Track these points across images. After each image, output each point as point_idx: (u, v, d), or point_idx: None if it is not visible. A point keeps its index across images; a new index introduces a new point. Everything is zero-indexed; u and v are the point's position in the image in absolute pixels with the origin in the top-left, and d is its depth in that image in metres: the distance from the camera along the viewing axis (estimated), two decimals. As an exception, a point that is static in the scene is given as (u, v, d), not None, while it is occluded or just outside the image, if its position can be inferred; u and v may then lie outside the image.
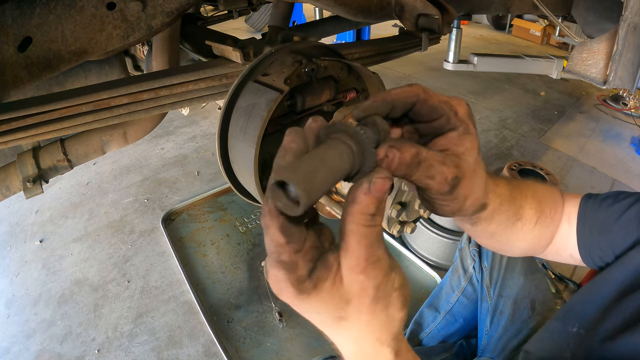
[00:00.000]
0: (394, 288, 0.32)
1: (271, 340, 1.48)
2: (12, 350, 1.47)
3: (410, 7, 1.15)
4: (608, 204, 0.59)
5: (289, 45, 0.83)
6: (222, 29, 1.36)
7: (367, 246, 0.30)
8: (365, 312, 0.32)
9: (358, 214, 0.30)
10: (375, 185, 0.30)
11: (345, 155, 0.31)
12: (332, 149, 0.30)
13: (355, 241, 0.30)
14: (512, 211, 0.52)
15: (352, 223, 0.30)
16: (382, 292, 0.31)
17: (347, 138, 0.32)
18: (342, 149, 0.31)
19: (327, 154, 0.30)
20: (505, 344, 1.02)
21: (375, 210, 0.30)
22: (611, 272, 0.57)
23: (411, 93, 0.38)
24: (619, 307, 0.53)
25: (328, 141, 0.32)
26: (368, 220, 0.30)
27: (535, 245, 0.61)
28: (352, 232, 0.30)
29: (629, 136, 2.96)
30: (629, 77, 1.22)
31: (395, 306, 0.33)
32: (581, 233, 0.60)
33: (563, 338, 0.60)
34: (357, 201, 0.30)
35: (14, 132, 0.74)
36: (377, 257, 0.31)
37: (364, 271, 0.30)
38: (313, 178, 0.27)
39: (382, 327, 0.33)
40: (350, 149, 0.31)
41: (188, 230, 1.99)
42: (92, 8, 0.76)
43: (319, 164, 0.29)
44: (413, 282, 1.73)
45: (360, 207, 0.30)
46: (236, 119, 0.76)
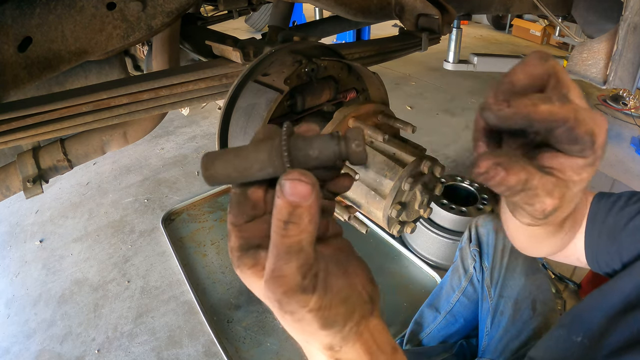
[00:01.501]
0: (305, 309, 0.28)
1: (271, 340, 1.48)
2: (12, 350, 1.47)
3: (410, 7, 1.15)
4: (619, 208, 0.57)
5: (289, 45, 0.83)
6: (222, 29, 1.36)
7: (275, 258, 0.28)
8: (279, 315, 0.30)
9: (274, 219, 0.28)
10: (284, 188, 0.27)
11: (261, 158, 0.30)
12: (254, 149, 0.31)
13: (270, 248, 0.29)
14: (560, 223, 0.50)
15: (272, 226, 0.29)
16: (286, 307, 0.28)
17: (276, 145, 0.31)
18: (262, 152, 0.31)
19: (246, 152, 0.31)
20: (506, 345, 1.02)
21: (288, 217, 0.27)
22: (618, 281, 0.55)
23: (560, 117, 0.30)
24: (625, 321, 0.52)
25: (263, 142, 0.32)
26: (280, 228, 0.28)
27: (557, 249, 0.60)
28: (271, 237, 0.29)
29: (629, 136, 2.96)
30: (629, 77, 1.22)
31: (311, 325, 0.29)
32: (589, 237, 0.58)
33: (567, 347, 0.59)
34: (274, 204, 0.28)
35: (14, 132, 0.74)
36: (281, 272, 0.28)
37: (267, 282, 0.28)
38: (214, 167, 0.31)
39: (303, 334, 0.31)
40: (269, 155, 0.30)
41: (188, 230, 1.99)
42: (92, 8, 0.76)
43: (232, 157, 0.31)
44: (413, 282, 1.73)
45: (275, 211, 0.28)
46: (236, 119, 0.76)
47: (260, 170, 0.31)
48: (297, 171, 0.28)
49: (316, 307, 0.29)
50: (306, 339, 0.33)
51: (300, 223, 0.28)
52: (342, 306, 0.31)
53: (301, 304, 0.28)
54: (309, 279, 0.29)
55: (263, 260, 0.31)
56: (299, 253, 0.28)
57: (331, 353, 0.33)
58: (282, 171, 0.30)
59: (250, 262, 0.31)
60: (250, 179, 0.32)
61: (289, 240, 0.28)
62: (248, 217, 0.33)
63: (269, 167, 0.30)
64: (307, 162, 0.30)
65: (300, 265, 0.28)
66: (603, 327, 0.54)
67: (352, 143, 0.30)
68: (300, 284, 0.28)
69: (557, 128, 0.31)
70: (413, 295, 1.65)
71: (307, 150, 0.30)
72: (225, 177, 0.31)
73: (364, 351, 0.33)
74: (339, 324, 0.31)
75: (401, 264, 1.82)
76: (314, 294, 0.29)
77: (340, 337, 0.31)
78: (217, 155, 0.31)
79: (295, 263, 0.28)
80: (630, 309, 0.52)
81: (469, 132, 3.16)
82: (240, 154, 0.31)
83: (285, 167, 0.30)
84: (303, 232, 0.28)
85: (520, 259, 1.11)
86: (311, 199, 0.27)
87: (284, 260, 0.28)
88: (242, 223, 0.32)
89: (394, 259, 1.84)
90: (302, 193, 0.27)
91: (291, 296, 0.28)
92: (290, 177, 0.27)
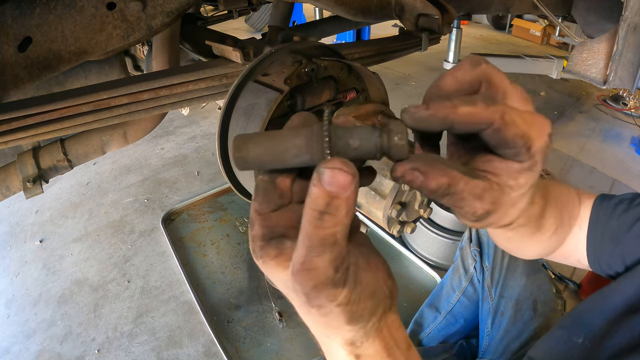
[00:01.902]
0: (334, 304, 0.28)
1: (271, 340, 1.48)
2: (12, 350, 1.47)
3: (410, 7, 1.15)
4: (622, 210, 0.56)
5: (289, 45, 0.83)
6: (222, 29, 1.36)
7: (307, 249, 0.27)
8: (302, 309, 0.30)
9: (307, 208, 0.26)
10: (323, 176, 0.25)
11: (299, 143, 0.29)
12: (292, 134, 0.30)
13: (300, 239, 0.27)
14: (535, 224, 0.49)
15: (303, 217, 0.27)
16: (315, 301, 0.28)
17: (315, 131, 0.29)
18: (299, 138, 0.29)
19: (283, 136, 0.30)
20: (507, 346, 1.02)
21: (325, 207, 0.26)
22: (620, 284, 0.55)
23: (483, 119, 0.30)
24: (626, 323, 0.52)
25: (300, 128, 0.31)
26: (314, 218, 0.26)
27: (547, 250, 0.59)
28: (302, 227, 0.27)
29: (629, 136, 2.96)
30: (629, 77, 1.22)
31: (338, 319, 0.29)
32: (591, 240, 0.58)
33: (568, 348, 0.59)
34: (308, 192, 0.26)
35: (14, 132, 0.74)
36: (312, 264, 0.27)
37: (294, 274, 0.27)
38: (247, 150, 0.29)
39: (324, 327, 0.31)
40: (307, 141, 0.29)
41: (188, 230, 1.99)
42: (92, 8, 0.76)
43: (267, 141, 0.29)
44: (413, 282, 1.73)
45: (309, 200, 0.26)
46: (236, 119, 0.76)
47: (295, 157, 0.29)
48: (338, 159, 0.26)
49: (345, 302, 0.28)
50: (328, 334, 0.32)
51: (337, 215, 0.26)
52: (370, 300, 0.30)
53: (330, 298, 0.28)
54: (341, 273, 0.28)
55: (288, 251, 0.30)
56: (333, 246, 0.27)
57: (352, 349, 0.32)
58: (320, 159, 0.28)
59: (274, 252, 0.30)
60: (283, 166, 0.30)
61: (324, 232, 0.26)
62: (275, 206, 0.32)
63: (306, 154, 0.29)
64: (346, 152, 0.29)
65: (333, 258, 0.27)
66: (604, 329, 0.54)
67: (395, 136, 0.29)
68: (332, 278, 0.27)
69: (482, 130, 0.30)
70: (413, 295, 1.65)
71: (348, 140, 0.29)
72: (258, 161, 0.29)
73: (382, 347, 0.33)
74: (364, 319, 0.30)
75: (401, 264, 1.82)
76: (344, 288, 0.28)
77: (363, 333, 0.31)
78: (250, 138, 0.30)
79: (329, 256, 0.27)
80: (632, 312, 0.52)
81: (469, 132, 3.20)
82: (275, 138, 0.29)
83: (325, 155, 0.28)
84: (338, 225, 0.26)
85: (521, 259, 1.11)
86: (350, 190, 0.26)
87: (316, 253, 0.27)
88: (267, 211, 0.31)
89: (394, 259, 1.84)
90: (342, 183, 0.26)
91: (321, 290, 0.27)
92: (330, 165, 0.26)
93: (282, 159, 0.29)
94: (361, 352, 0.32)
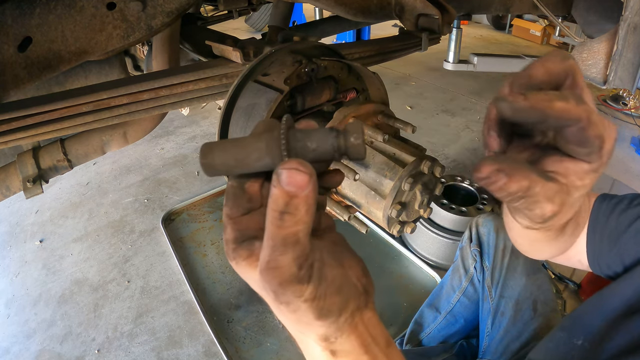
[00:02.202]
0: (300, 299, 0.29)
1: (271, 340, 1.48)
2: (12, 350, 1.47)
3: (410, 7, 1.15)
4: (621, 210, 0.56)
5: (289, 45, 0.83)
6: (222, 29, 1.36)
7: (271, 249, 0.28)
8: (273, 306, 0.31)
9: (269, 209, 0.28)
10: (281, 177, 0.27)
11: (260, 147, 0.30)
12: (254, 139, 0.31)
13: (265, 239, 0.28)
14: (560, 228, 0.49)
15: (267, 216, 0.28)
16: (282, 298, 0.28)
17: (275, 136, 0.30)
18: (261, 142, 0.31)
19: (245, 142, 0.31)
20: (507, 346, 1.02)
21: (284, 206, 0.27)
22: (619, 285, 0.55)
23: (574, 116, 0.30)
24: (626, 325, 0.52)
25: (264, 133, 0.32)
26: (276, 219, 0.27)
27: (559, 252, 0.59)
28: (266, 227, 0.28)
29: (629, 136, 2.96)
30: (629, 77, 1.22)
31: (307, 315, 0.29)
32: (591, 240, 0.58)
33: (568, 350, 0.59)
34: (270, 194, 0.28)
35: (14, 132, 0.74)
36: (277, 263, 0.27)
37: (262, 273, 0.28)
38: (213, 156, 0.31)
39: (298, 324, 0.31)
40: (267, 145, 0.30)
41: (188, 230, 1.99)
42: (92, 8, 0.76)
43: (231, 147, 0.31)
44: (413, 282, 1.73)
45: (270, 201, 0.27)
46: (236, 119, 0.76)
47: (258, 160, 0.30)
48: (295, 160, 0.27)
49: (311, 297, 0.29)
50: (301, 330, 0.33)
51: (297, 214, 0.27)
52: (337, 296, 0.31)
53: (297, 294, 0.28)
54: (304, 270, 0.29)
55: (258, 251, 0.31)
56: (295, 245, 0.28)
57: (326, 344, 0.33)
58: (280, 161, 0.29)
59: (245, 253, 0.31)
60: (247, 170, 0.31)
61: (285, 232, 0.27)
62: (244, 210, 0.33)
63: (267, 157, 0.30)
64: (305, 154, 0.30)
65: (296, 256, 0.28)
66: (604, 331, 0.54)
67: (351, 137, 0.30)
68: (296, 275, 0.28)
69: (569, 127, 0.31)
70: (413, 295, 1.65)
71: (306, 142, 0.30)
72: (223, 166, 0.31)
73: (358, 343, 0.33)
74: (334, 314, 0.31)
75: (401, 264, 1.82)
76: (309, 284, 0.29)
77: (335, 328, 0.32)
78: (216, 145, 0.31)
79: (291, 254, 0.28)
80: (631, 313, 0.52)
81: (469, 132, 3.15)
82: (239, 144, 0.31)
83: (283, 157, 0.29)
84: (299, 223, 0.27)
85: (521, 259, 1.11)
86: (308, 189, 0.27)
87: (280, 252, 0.27)
88: (237, 215, 0.33)
89: (394, 259, 1.84)
90: (299, 183, 0.27)
91: (286, 287, 0.28)
92: (287, 167, 0.27)
93: (246, 163, 0.31)
94: (336, 348, 0.33)
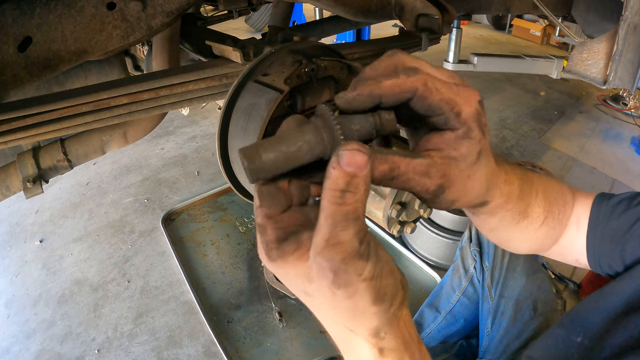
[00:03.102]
0: (360, 278, 0.29)
1: (271, 340, 1.48)
2: (12, 350, 1.47)
3: (410, 7, 1.15)
4: (621, 210, 0.56)
5: (289, 45, 0.83)
6: (222, 29, 1.36)
7: (330, 226, 0.28)
8: (326, 294, 0.30)
9: (327, 190, 0.28)
10: (342, 158, 0.28)
11: (309, 139, 0.31)
12: (297, 132, 0.31)
13: (322, 219, 0.29)
14: (518, 210, 0.48)
15: (323, 199, 0.29)
16: (342, 279, 0.28)
17: (321, 124, 0.31)
18: (307, 134, 0.31)
19: (290, 136, 0.31)
20: (507, 346, 1.02)
21: (345, 186, 0.28)
22: (620, 283, 0.55)
23: (407, 87, 0.32)
24: (626, 323, 0.52)
25: (302, 126, 0.32)
26: (336, 198, 0.28)
27: (539, 245, 0.58)
28: (322, 209, 0.29)
29: (629, 136, 2.96)
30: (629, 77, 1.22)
31: (364, 298, 0.30)
32: (591, 241, 0.57)
33: (567, 347, 0.59)
34: (327, 175, 0.29)
35: (14, 132, 0.74)
36: (338, 239, 0.28)
37: (321, 252, 0.28)
38: (260, 157, 0.30)
39: (350, 316, 0.31)
40: (316, 135, 0.31)
41: (188, 230, 1.99)
42: (92, 8, 0.75)
43: (277, 144, 0.30)
44: (413, 282, 1.73)
45: (329, 182, 0.28)
46: (236, 119, 0.76)
47: (308, 152, 0.31)
48: (354, 142, 0.29)
49: (370, 276, 0.29)
50: (353, 326, 0.32)
51: (357, 192, 0.28)
52: (391, 277, 0.32)
53: (358, 271, 0.29)
54: (364, 246, 0.29)
55: (307, 242, 0.31)
56: (356, 220, 0.28)
57: (376, 341, 0.32)
58: (333, 147, 0.31)
59: (292, 247, 0.31)
60: (298, 164, 0.31)
61: (347, 208, 0.28)
62: (283, 207, 0.33)
63: (319, 146, 0.31)
64: (352, 136, 0.32)
65: (357, 231, 0.29)
66: (604, 329, 0.54)
67: (385, 114, 0.33)
68: (358, 250, 0.29)
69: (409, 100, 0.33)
70: (413, 295, 1.65)
71: (350, 125, 0.32)
72: (273, 165, 0.30)
73: (401, 341, 0.33)
74: (388, 300, 0.31)
75: (401, 264, 1.82)
76: (368, 261, 0.29)
77: (386, 319, 0.32)
78: (260, 146, 0.30)
79: (353, 229, 0.28)
80: (631, 312, 0.52)
81: (469, 132, 3.19)
82: (284, 140, 0.31)
83: (339, 140, 0.31)
84: (359, 201, 0.28)
85: (521, 258, 1.11)
86: (367, 169, 0.28)
87: (341, 227, 0.28)
88: (277, 214, 0.32)
89: (394, 259, 1.84)
90: (360, 163, 0.28)
91: (349, 262, 0.28)
92: (348, 148, 0.28)
93: (297, 157, 0.31)
94: (384, 345, 0.33)
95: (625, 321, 0.52)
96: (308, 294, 0.32)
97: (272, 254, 0.31)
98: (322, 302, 0.31)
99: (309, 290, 0.32)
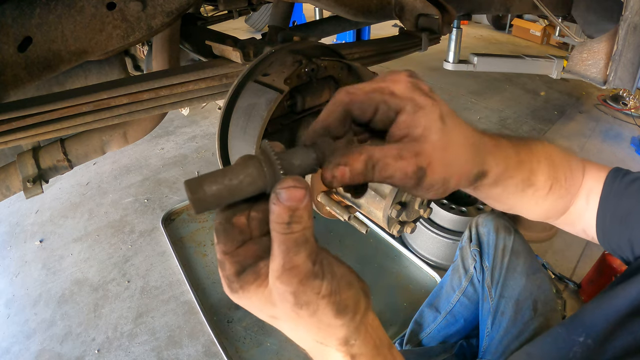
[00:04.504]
0: (319, 296, 0.31)
1: (271, 340, 1.48)
2: (12, 350, 1.47)
3: (410, 7, 1.15)
4: (635, 189, 0.54)
5: (289, 45, 0.83)
6: (222, 29, 1.36)
7: (284, 253, 0.30)
8: (291, 315, 0.32)
9: (274, 223, 0.30)
10: (280, 195, 0.30)
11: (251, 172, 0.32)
12: (242, 167, 0.32)
13: (275, 248, 0.30)
14: (521, 177, 0.47)
15: (272, 231, 0.31)
16: (302, 299, 0.30)
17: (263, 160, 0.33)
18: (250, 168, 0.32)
19: (233, 170, 0.32)
20: (507, 346, 1.02)
21: (289, 218, 0.30)
22: (624, 286, 0.55)
23: (336, 106, 0.36)
24: (630, 325, 0.51)
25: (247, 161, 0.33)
26: (284, 228, 0.30)
27: (548, 213, 0.57)
28: (273, 239, 0.31)
29: (629, 136, 2.96)
30: (629, 77, 1.22)
31: (326, 314, 0.31)
32: (601, 217, 0.56)
33: (568, 346, 0.58)
34: (271, 210, 0.31)
35: (14, 132, 0.74)
36: (293, 264, 0.30)
37: (279, 277, 0.30)
38: (204, 190, 0.31)
39: (317, 331, 0.33)
40: (259, 170, 0.32)
41: (188, 230, 1.99)
42: (92, 8, 0.76)
43: (220, 177, 0.31)
44: (413, 282, 1.73)
45: (274, 217, 0.30)
46: (236, 119, 0.76)
47: (251, 185, 0.32)
48: (290, 178, 0.31)
49: (327, 293, 0.31)
50: (322, 338, 0.34)
51: (301, 221, 0.30)
52: (349, 290, 0.33)
53: (315, 290, 0.31)
54: (318, 266, 0.31)
55: (265, 270, 0.32)
56: (305, 243, 0.30)
57: (347, 349, 0.34)
58: (274, 182, 0.32)
59: (251, 277, 0.32)
60: (240, 197, 0.32)
61: (295, 235, 0.30)
62: (238, 243, 0.33)
63: (260, 180, 0.32)
64: (292, 170, 0.34)
65: (309, 253, 0.31)
66: (607, 331, 0.53)
67: (326, 150, 0.35)
68: (313, 270, 0.31)
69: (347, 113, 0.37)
70: (413, 295, 1.65)
71: (292, 160, 0.34)
72: (215, 198, 0.31)
73: (372, 345, 0.35)
74: (350, 310, 0.33)
75: (401, 264, 1.82)
76: (323, 279, 0.31)
77: (353, 327, 0.33)
78: (203, 178, 0.31)
79: (304, 253, 0.30)
80: (636, 314, 0.51)
81: (469, 132, 3.19)
82: (228, 174, 0.32)
83: (279, 175, 0.32)
84: (306, 227, 0.30)
85: (521, 258, 1.11)
86: (306, 199, 0.30)
87: (294, 252, 0.30)
88: (233, 249, 0.33)
89: (394, 259, 1.84)
90: (298, 197, 0.30)
91: (306, 283, 0.30)
92: (285, 185, 0.30)
93: (239, 190, 0.32)
94: (355, 352, 0.34)
95: (630, 324, 0.52)
96: (275, 317, 0.34)
97: (233, 287, 0.33)
98: (289, 322, 0.33)
99: (274, 314, 0.33)
